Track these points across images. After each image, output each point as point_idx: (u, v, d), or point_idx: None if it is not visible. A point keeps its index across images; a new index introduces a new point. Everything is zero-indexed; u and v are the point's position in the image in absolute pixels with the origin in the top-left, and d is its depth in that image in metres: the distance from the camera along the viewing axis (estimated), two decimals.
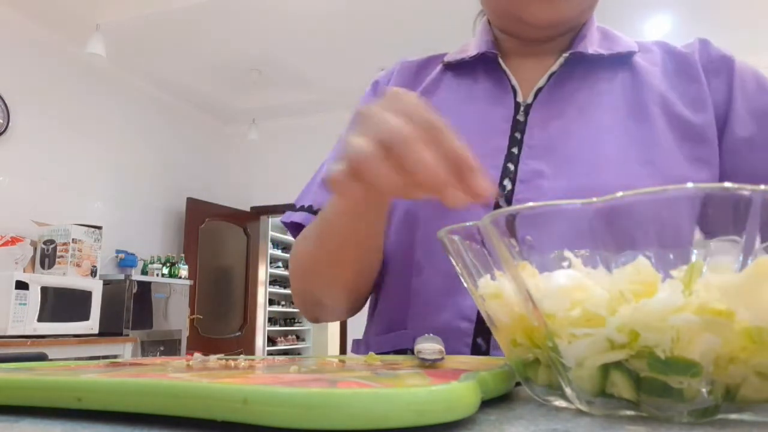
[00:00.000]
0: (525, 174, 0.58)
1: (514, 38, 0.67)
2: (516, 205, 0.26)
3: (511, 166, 0.59)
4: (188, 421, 0.24)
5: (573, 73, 0.63)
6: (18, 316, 2.75)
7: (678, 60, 0.64)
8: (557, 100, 0.62)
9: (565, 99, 0.62)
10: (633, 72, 0.63)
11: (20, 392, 0.28)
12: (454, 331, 0.56)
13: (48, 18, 3.50)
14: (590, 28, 0.66)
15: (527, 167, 0.58)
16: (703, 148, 0.58)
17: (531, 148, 0.59)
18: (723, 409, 0.23)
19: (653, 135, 0.58)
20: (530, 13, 0.61)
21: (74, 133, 3.78)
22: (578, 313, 0.24)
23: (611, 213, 0.24)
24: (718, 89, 0.61)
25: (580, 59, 0.63)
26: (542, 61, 0.65)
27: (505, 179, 0.58)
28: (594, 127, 0.59)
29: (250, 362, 0.42)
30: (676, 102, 0.60)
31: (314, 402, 0.21)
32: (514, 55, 0.68)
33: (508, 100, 0.63)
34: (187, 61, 4.11)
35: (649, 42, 0.67)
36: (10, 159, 3.33)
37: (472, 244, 0.30)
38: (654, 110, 0.59)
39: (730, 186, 0.22)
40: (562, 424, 0.24)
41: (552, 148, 0.58)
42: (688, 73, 0.62)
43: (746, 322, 0.22)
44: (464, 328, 0.56)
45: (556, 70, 0.63)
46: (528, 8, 0.60)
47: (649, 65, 0.63)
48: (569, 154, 0.58)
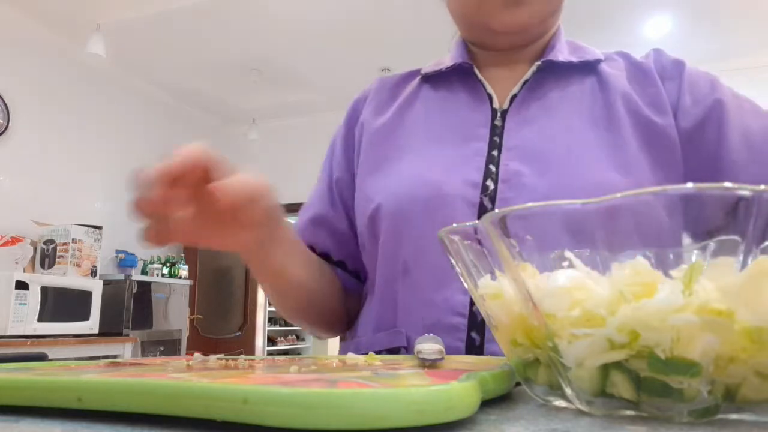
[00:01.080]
0: (506, 174, 0.60)
1: (486, 50, 0.71)
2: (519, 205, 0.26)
3: (492, 167, 0.61)
4: (188, 421, 0.24)
5: (545, 80, 0.66)
6: (18, 316, 2.75)
7: (638, 68, 0.68)
8: (532, 105, 0.65)
9: (539, 104, 0.65)
10: (600, 78, 0.66)
11: (20, 392, 0.28)
12: (448, 327, 0.57)
13: (48, 18, 3.50)
14: (559, 39, 0.70)
15: (508, 168, 0.60)
16: (667, 150, 0.61)
17: (510, 150, 0.62)
18: (723, 409, 0.23)
19: (621, 135, 0.61)
20: (496, 20, 0.64)
21: (74, 133, 3.78)
22: (578, 313, 0.24)
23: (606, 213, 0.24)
24: (671, 92, 0.64)
25: (551, 67, 0.66)
26: (515, 71, 0.69)
27: (487, 179, 0.60)
28: (567, 129, 0.62)
29: (250, 362, 0.42)
30: (640, 104, 0.63)
31: (314, 402, 0.21)
32: (488, 66, 0.71)
33: (484, 107, 0.66)
34: (187, 61, 4.11)
35: (612, 52, 0.72)
36: (10, 159, 3.33)
37: (472, 244, 0.30)
38: (621, 112, 0.63)
39: (731, 186, 0.22)
40: (562, 424, 0.24)
41: (530, 150, 0.61)
42: (647, 79, 0.66)
43: (746, 322, 0.22)
44: (457, 323, 0.57)
45: (530, 77, 0.66)
46: (494, 16, 0.64)
47: (615, 72, 0.67)
48: (546, 156, 0.60)
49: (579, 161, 0.59)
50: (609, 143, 0.61)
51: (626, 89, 0.65)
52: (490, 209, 0.58)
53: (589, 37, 3.93)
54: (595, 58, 0.68)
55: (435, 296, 0.59)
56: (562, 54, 0.67)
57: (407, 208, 0.61)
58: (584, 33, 3.65)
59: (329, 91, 4.53)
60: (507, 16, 0.64)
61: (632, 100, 0.64)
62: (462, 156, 0.63)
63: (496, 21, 0.64)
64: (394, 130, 0.70)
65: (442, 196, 0.60)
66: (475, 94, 0.68)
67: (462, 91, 0.69)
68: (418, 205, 0.60)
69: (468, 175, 0.61)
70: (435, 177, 0.61)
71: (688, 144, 0.62)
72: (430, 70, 0.73)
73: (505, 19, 0.64)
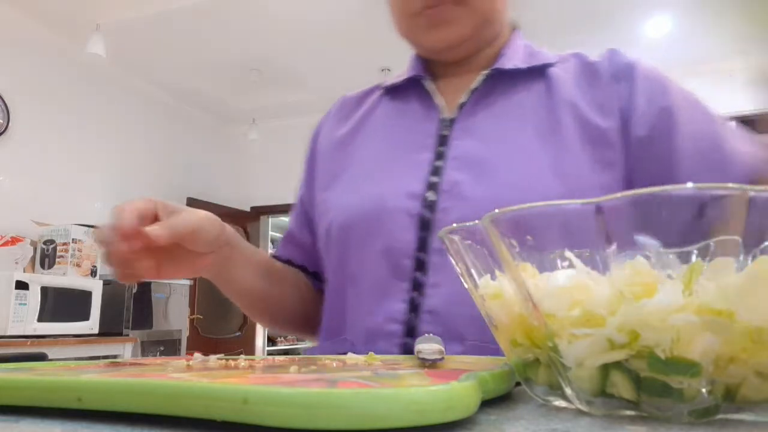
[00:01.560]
0: (447, 184, 0.61)
1: (436, 61, 0.72)
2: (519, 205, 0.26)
3: (435, 178, 0.62)
4: (188, 421, 0.24)
5: (494, 88, 0.67)
6: (18, 316, 2.75)
7: (589, 69, 0.68)
8: (478, 114, 0.66)
9: (485, 113, 0.66)
10: (548, 83, 0.67)
11: (20, 392, 0.28)
12: (385, 334, 0.60)
13: (48, 18, 3.50)
14: (511, 46, 0.71)
15: (449, 178, 0.62)
16: (608, 151, 0.61)
17: (454, 159, 0.63)
18: (723, 409, 0.23)
19: (564, 141, 0.62)
20: (425, 40, 0.67)
21: (74, 133, 3.78)
22: (578, 313, 0.24)
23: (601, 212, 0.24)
24: (622, 95, 0.64)
25: (499, 75, 0.67)
26: (467, 80, 0.69)
27: (429, 190, 0.62)
28: (509, 137, 0.63)
29: (250, 362, 0.42)
30: (584, 107, 0.64)
31: (314, 402, 0.21)
32: (443, 77, 0.72)
33: (433, 117, 0.68)
34: (187, 61, 4.11)
35: (568, 54, 0.72)
36: (10, 159, 3.33)
37: (472, 244, 0.30)
38: (565, 117, 0.63)
39: (731, 186, 0.22)
40: (562, 424, 0.24)
41: (473, 159, 0.62)
42: (597, 80, 0.66)
43: (746, 322, 0.22)
44: (393, 329, 0.59)
45: (478, 86, 0.67)
46: (421, 37, 0.67)
47: (564, 75, 0.68)
48: (489, 165, 0.61)
49: (519, 169, 0.60)
50: (550, 150, 0.61)
51: (572, 93, 0.65)
52: (430, 220, 0.60)
53: (589, 37, 3.92)
54: (543, 62, 0.68)
55: (377, 305, 0.61)
56: (512, 61, 0.68)
57: (352, 222, 0.64)
58: (584, 33, 3.65)
59: (329, 91, 4.52)
60: (433, 36, 0.66)
61: (577, 104, 0.64)
62: (407, 168, 0.65)
63: (424, 41, 0.67)
64: (350, 142, 0.73)
65: (383, 209, 0.62)
66: (425, 105, 0.70)
67: (414, 102, 0.71)
68: (361, 218, 0.63)
69: (410, 186, 0.62)
70: (377, 190, 0.64)
71: (641, 150, 0.61)
72: (388, 83, 0.76)
73: (432, 39, 0.66)
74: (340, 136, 0.75)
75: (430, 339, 0.43)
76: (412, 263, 0.60)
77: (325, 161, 0.75)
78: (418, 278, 0.59)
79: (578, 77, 0.67)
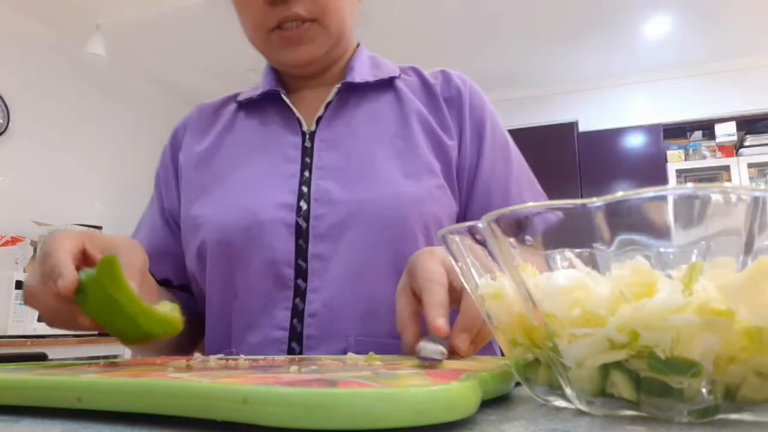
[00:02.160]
0: (317, 193, 0.65)
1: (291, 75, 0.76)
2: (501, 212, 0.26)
3: (305, 188, 0.66)
4: (188, 421, 0.24)
5: (347, 100, 0.72)
6: (18, 316, 2.75)
7: (427, 88, 0.74)
8: (336, 126, 0.70)
9: (342, 124, 0.70)
10: (397, 94, 0.73)
11: (20, 392, 0.28)
12: (271, 341, 0.62)
13: (48, 18, 3.50)
14: (358, 59, 0.75)
15: (318, 187, 0.65)
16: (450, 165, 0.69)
17: (320, 169, 0.67)
18: (723, 409, 0.23)
19: (415, 146, 0.68)
20: (280, 58, 0.70)
21: (74, 133, 3.78)
22: (578, 313, 0.24)
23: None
24: (455, 120, 0.72)
25: (350, 88, 0.72)
26: (321, 93, 0.74)
27: (301, 200, 0.65)
28: (367, 146, 0.68)
29: (250, 362, 0.42)
30: (432, 121, 0.71)
31: (314, 402, 0.21)
32: (297, 90, 0.76)
33: (295, 130, 0.71)
34: (187, 61, 4.10)
35: (406, 67, 0.78)
36: (10, 159, 3.33)
37: (472, 244, 0.30)
38: (415, 126, 0.70)
39: (730, 186, 0.22)
40: (562, 424, 0.24)
41: (335, 167, 0.66)
42: (436, 101, 0.73)
43: (746, 322, 0.22)
44: (278, 336, 0.62)
45: (332, 99, 0.72)
46: (277, 53, 0.70)
47: (408, 87, 0.74)
48: (351, 172, 0.66)
49: (377, 175, 0.65)
50: (404, 155, 0.67)
51: (419, 107, 0.71)
52: (305, 228, 0.63)
53: (590, 37, 3.93)
54: (389, 75, 0.74)
55: (262, 316, 0.63)
56: (360, 74, 0.72)
57: (230, 238, 0.64)
58: (585, 33, 3.65)
59: None
60: (289, 55, 0.69)
61: (424, 116, 0.71)
62: (277, 180, 0.67)
63: (280, 59, 0.70)
64: (213, 157, 0.73)
65: (260, 222, 0.64)
66: (286, 118, 0.72)
67: (274, 116, 0.73)
68: (240, 234, 0.64)
69: (282, 198, 0.65)
70: (251, 205, 0.65)
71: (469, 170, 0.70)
72: (243, 97, 0.77)
73: (287, 58, 0.69)
74: (201, 152, 0.75)
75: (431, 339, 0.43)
76: (293, 272, 0.63)
77: (189, 177, 0.74)
78: (299, 285, 0.63)
79: (420, 93, 0.74)
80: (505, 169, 0.71)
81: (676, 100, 4.09)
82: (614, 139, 3.97)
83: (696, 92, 4.06)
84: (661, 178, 3.77)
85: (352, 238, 0.62)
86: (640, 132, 3.94)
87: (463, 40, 3.71)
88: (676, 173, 3.85)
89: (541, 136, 4.05)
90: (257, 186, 0.67)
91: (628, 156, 3.93)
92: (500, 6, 3.35)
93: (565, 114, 4.18)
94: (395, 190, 0.64)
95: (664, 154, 3.88)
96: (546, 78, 4.28)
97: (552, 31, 3.66)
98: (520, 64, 4.10)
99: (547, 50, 3.90)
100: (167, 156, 0.79)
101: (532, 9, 3.39)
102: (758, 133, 3.76)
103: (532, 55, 3.98)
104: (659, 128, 3.90)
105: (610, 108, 4.24)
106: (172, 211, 0.76)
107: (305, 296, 0.62)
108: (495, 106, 0.76)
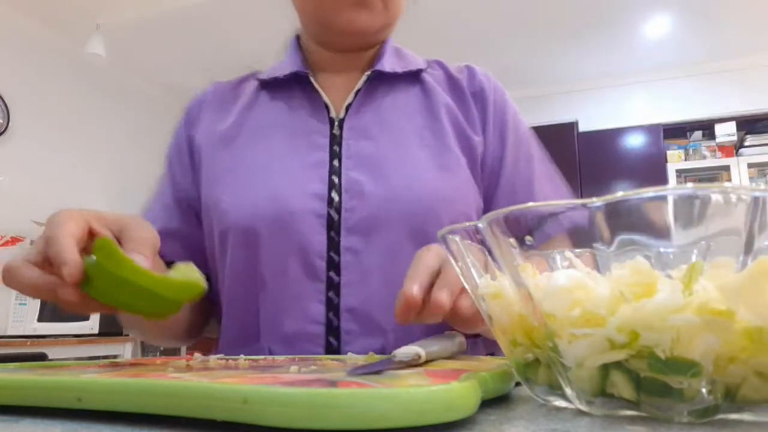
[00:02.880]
0: (348, 184, 0.63)
1: (325, 50, 0.73)
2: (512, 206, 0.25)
3: (335, 178, 0.64)
4: (188, 421, 0.24)
5: (376, 89, 0.71)
6: (18, 316, 2.75)
7: (453, 82, 0.74)
8: (365, 114, 0.69)
9: (372, 113, 0.69)
10: (424, 87, 0.72)
11: (20, 392, 0.28)
12: (307, 336, 0.60)
13: (48, 18, 3.50)
14: (387, 49, 0.74)
15: (349, 177, 0.64)
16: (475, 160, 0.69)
17: (349, 159, 0.65)
18: (723, 409, 0.23)
19: (444, 140, 0.68)
20: (344, 16, 0.67)
21: (74, 133, 3.78)
22: (578, 313, 0.24)
23: None
24: (480, 116, 0.72)
25: (380, 77, 0.71)
26: (348, 78, 0.72)
27: (332, 191, 0.63)
28: (397, 137, 0.67)
29: (250, 362, 0.42)
30: (459, 115, 0.70)
31: (314, 402, 0.21)
32: (324, 72, 0.74)
33: (322, 116, 0.69)
34: (187, 61, 4.10)
35: (431, 60, 0.78)
36: (10, 159, 3.33)
37: (472, 244, 0.30)
38: (444, 120, 0.69)
39: (730, 186, 0.22)
40: (562, 424, 0.24)
41: (367, 158, 0.65)
42: (462, 95, 0.73)
43: (746, 322, 0.22)
44: (315, 331, 0.60)
45: (361, 87, 0.70)
46: (342, 14, 0.67)
47: (435, 81, 0.73)
48: (380, 163, 0.64)
49: (408, 166, 0.64)
50: (434, 148, 0.67)
51: (448, 100, 0.71)
52: (337, 220, 0.62)
53: (589, 37, 3.92)
54: (417, 67, 0.73)
55: (293, 308, 0.61)
56: (389, 64, 0.71)
57: (258, 226, 0.62)
58: (584, 33, 3.65)
59: None
60: (354, 17, 0.67)
61: (453, 110, 0.71)
62: (305, 168, 0.65)
63: (344, 19, 0.67)
64: (235, 137, 0.70)
65: (291, 211, 0.62)
66: (312, 102, 0.70)
67: (300, 99, 0.71)
68: (269, 222, 0.62)
69: (314, 188, 0.63)
70: (282, 192, 0.63)
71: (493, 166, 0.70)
72: (266, 76, 0.74)
73: (347, 18, 0.67)
74: (222, 131, 0.71)
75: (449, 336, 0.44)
76: (325, 264, 0.61)
77: (209, 157, 0.71)
78: (332, 278, 0.61)
79: (447, 87, 0.73)
80: (528, 167, 0.71)
81: (676, 100, 4.09)
82: (614, 139, 3.98)
83: (696, 92, 4.06)
84: (661, 178, 3.77)
85: (385, 231, 0.61)
86: (640, 132, 3.94)
87: (463, 40, 3.71)
88: (676, 173, 3.85)
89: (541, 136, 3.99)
90: (284, 172, 0.65)
91: (628, 156, 3.93)
92: (500, 6, 3.35)
93: (565, 114, 4.18)
94: (429, 184, 0.63)
95: (664, 154, 3.88)
96: (546, 78, 4.28)
97: (552, 31, 3.66)
98: (520, 64, 4.10)
99: (546, 50, 3.90)
100: (181, 134, 0.76)
101: (532, 9, 3.39)
102: (758, 133, 3.76)
103: (532, 55, 3.98)
104: (659, 128, 3.90)
105: (609, 108, 4.24)
106: (185, 190, 0.72)
107: (339, 290, 0.61)
108: None
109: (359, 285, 0.61)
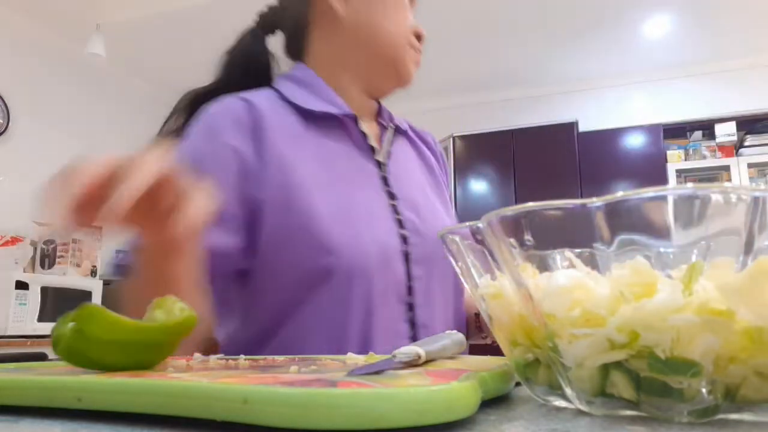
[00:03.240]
0: (407, 223, 0.72)
1: (364, 95, 0.80)
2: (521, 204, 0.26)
3: (398, 216, 0.72)
4: (188, 421, 0.24)
5: (396, 139, 0.82)
6: (18, 316, 2.75)
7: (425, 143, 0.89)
8: (397, 161, 0.78)
9: (400, 160, 0.79)
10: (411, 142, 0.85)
11: (20, 392, 0.28)
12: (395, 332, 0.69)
13: (48, 18, 3.50)
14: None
15: (406, 217, 0.73)
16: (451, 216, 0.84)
17: (401, 200, 0.74)
18: (723, 409, 0.23)
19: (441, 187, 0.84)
20: (408, 70, 0.79)
21: (74, 133, 3.78)
22: (578, 313, 0.24)
23: None
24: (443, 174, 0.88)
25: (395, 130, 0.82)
26: (373, 125, 0.81)
27: (402, 229, 0.72)
28: (421, 182, 0.80)
29: (250, 362, 0.42)
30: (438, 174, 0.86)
31: (314, 402, 0.21)
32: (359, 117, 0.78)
33: (370, 158, 0.76)
34: (187, 61, 4.10)
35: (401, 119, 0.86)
36: (10, 159, 3.33)
37: (472, 244, 0.30)
38: (436, 174, 0.85)
39: (730, 186, 0.22)
40: (562, 424, 0.24)
41: (411, 200, 0.75)
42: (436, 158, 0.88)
43: (746, 322, 0.22)
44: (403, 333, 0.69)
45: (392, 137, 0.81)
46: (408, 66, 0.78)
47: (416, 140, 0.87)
48: (420, 206, 0.75)
49: (435, 208, 0.78)
50: (438, 194, 0.82)
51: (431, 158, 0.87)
52: (411, 257, 0.71)
53: (589, 37, 3.92)
54: (405, 125, 0.85)
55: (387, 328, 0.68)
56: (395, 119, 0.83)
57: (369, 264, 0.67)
58: (584, 33, 3.65)
59: None
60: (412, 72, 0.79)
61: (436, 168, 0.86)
62: (383, 209, 0.72)
63: (408, 72, 0.79)
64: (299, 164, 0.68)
65: (388, 250, 0.69)
66: (357, 143, 0.76)
67: (344, 137, 0.75)
68: (376, 261, 0.67)
69: (395, 228, 0.71)
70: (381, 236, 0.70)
71: None
72: (317, 108, 0.73)
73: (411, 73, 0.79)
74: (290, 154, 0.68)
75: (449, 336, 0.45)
76: (406, 290, 0.71)
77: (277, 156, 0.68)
78: (409, 301, 0.71)
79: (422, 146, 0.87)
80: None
81: (676, 100, 4.09)
82: (614, 139, 3.97)
83: (696, 92, 4.06)
84: (661, 178, 3.77)
85: (435, 262, 0.73)
86: (640, 132, 3.94)
87: (463, 41, 3.70)
88: (676, 173, 3.85)
89: (541, 136, 4.05)
90: (373, 215, 0.71)
91: (628, 156, 3.93)
92: (500, 6, 3.35)
93: (564, 114, 4.18)
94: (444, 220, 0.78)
95: (664, 154, 3.88)
96: (546, 78, 4.28)
97: (552, 31, 3.65)
98: (520, 64, 4.10)
99: (547, 50, 3.90)
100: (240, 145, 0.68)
101: (532, 9, 3.39)
102: (758, 133, 3.76)
103: (532, 55, 3.97)
104: (659, 128, 3.90)
105: (610, 108, 4.24)
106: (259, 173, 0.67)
107: (415, 310, 0.71)
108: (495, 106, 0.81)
109: (428, 306, 0.72)
